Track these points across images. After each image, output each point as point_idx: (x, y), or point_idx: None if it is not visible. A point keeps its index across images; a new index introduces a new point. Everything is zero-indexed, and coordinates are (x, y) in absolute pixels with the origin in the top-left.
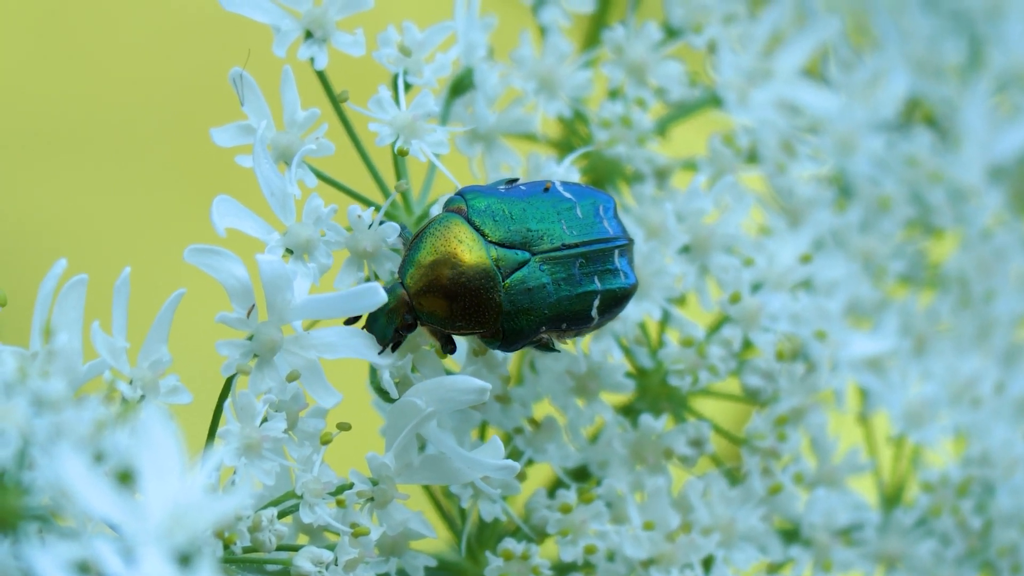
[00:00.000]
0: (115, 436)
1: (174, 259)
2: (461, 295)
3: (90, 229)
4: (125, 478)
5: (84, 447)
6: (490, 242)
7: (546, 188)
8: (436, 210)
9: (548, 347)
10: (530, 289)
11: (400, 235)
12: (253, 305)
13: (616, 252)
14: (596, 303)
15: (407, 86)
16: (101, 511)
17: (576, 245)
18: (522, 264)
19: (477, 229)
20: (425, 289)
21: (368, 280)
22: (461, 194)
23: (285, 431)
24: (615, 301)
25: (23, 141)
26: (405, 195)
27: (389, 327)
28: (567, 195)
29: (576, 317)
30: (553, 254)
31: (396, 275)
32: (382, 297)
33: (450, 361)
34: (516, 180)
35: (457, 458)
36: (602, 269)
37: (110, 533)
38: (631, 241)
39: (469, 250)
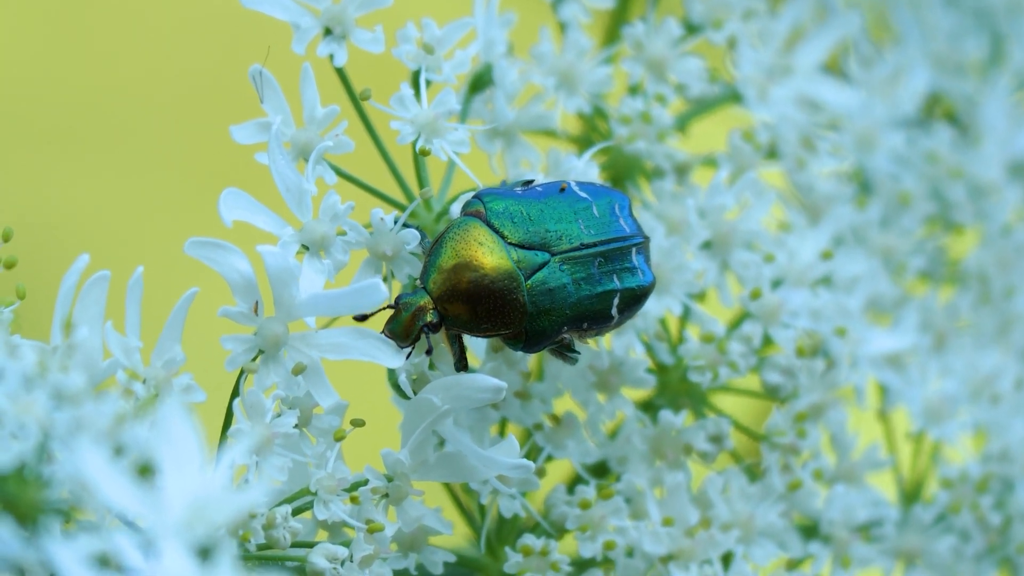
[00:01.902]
0: (135, 430)
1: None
2: (485, 297)
3: (110, 225)
4: (145, 471)
5: (104, 441)
6: (510, 244)
7: (562, 188)
8: (456, 209)
9: (569, 348)
10: (551, 290)
11: (420, 243)
12: (257, 301)
13: (633, 250)
14: (616, 302)
15: (427, 83)
16: (121, 504)
17: (594, 244)
18: (542, 265)
19: (496, 231)
20: (449, 293)
21: (384, 278)
22: (478, 197)
23: (296, 427)
24: (634, 299)
25: (44, 137)
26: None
27: (413, 327)
28: (583, 195)
29: (597, 316)
30: (572, 254)
31: (418, 281)
32: (384, 294)
33: (471, 356)
34: (532, 181)
35: (473, 456)
36: (620, 268)
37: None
38: (647, 239)
39: (491, 252)
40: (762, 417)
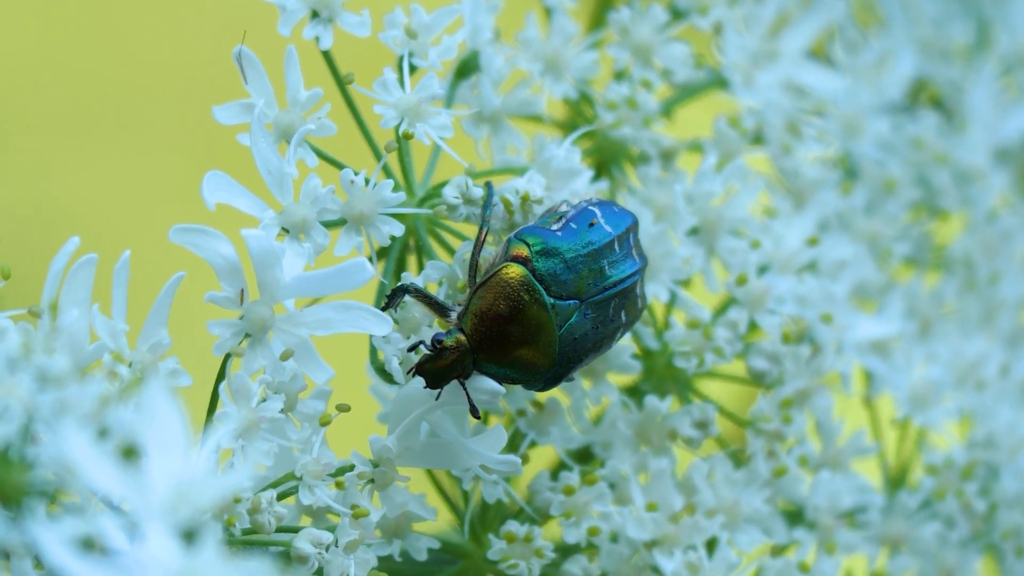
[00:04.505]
0: (119, 412)
1: None
2: (524, 353)
3: (100, 209)
4: (129, 454)
5: (88, 423)
6: (551, 295)
7: (591, 224)
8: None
9: (571, 379)
10: (576, 339)
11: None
12: (242, 288)
13: (639, 281)
14: (619, 335)
15: (412, 68)
16: (105, 487)
17: (615, 285)
18: (572, 313)
19: (541, 282)
20: (489, 343)
21: (369, 257)
22: (522, 239)
23: (282, 411)
24: (630, 326)
25: (34, 122)
26: (408, 178)
27: (446, 375)
28: (608, 229)
29: (602, 350)
30: (596, 298)
31: (455, 319)
32: (370, 272)
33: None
34: (563, 215)
35: (460, 447)
36: (627, 302)
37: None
38: (647, 263)
39: (536, 309)
40: (747, 403)
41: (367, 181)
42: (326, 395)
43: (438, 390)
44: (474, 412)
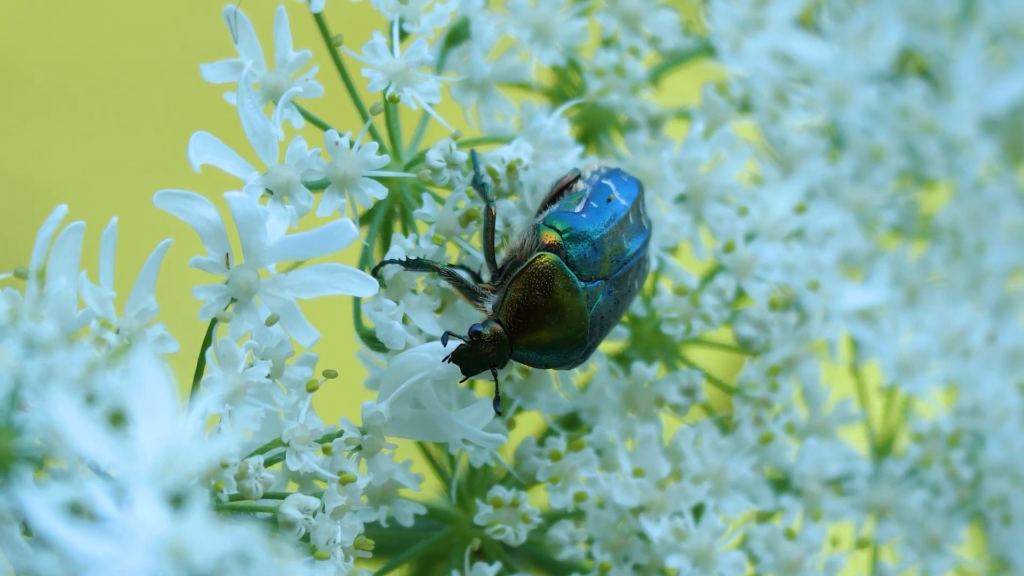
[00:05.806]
0: (107, 378)
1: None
2: (560, 338)
3: (88, 178)
4: (117, 420)
5: (76, 389)
6: (582, 279)
7: (609, 199)
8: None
9: None
10: (603, 317)
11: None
12: (228, 253)
13: (648, 246)
14: (632, 300)
15: (404, 34)
16: (93, 453)
17: (632, 256)
18: (599, 293)
19: (573, 267)
20: (527, 333)
21: (353, 220)
22: (551, 225)
23: (269, 376)
24: (640, 289)
25: (21, 92)
26: (395, 143)
27: (483, 364)
28: (623, 202)
29: (620, 319)
30: (618, 274)
31: (490, 310)
32: (354, 233)
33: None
34: (583, 195)
35: (446, 422)
36: (640, 269)
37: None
38: (652, 226)
39: (572, 295)
40: (735, 370)
41: (352, 143)
42: (313, 361)
43: (436, 360)
44: (497, 406)
